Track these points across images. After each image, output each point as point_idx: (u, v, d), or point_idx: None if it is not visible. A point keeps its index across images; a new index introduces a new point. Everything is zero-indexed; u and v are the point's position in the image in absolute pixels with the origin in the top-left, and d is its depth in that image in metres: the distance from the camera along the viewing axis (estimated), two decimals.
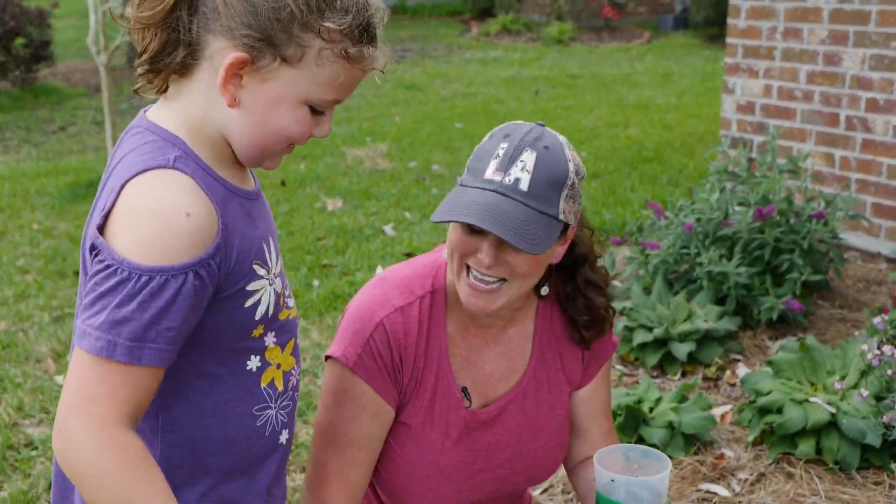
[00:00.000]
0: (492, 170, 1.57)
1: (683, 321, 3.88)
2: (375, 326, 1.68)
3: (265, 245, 1.37)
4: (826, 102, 5.16)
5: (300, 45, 1.28)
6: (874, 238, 4.97)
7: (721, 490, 2.95)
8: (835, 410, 3.04)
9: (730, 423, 3.35)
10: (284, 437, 1.49)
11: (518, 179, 1.55)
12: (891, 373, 2.95)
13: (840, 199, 4.27)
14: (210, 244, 1.26)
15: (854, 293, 4.44)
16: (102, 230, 1.25)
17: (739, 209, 4.19)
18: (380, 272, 1.83)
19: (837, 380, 3.15)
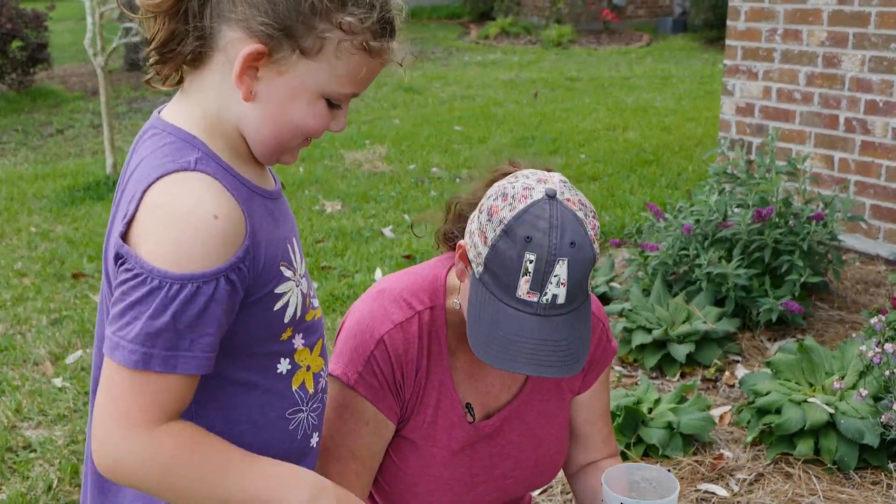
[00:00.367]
0: (524, 289, 1.48)
1: (682, 322, 3.89)
2: (376, 344, 1.66)
3: (289, 246, 1.34)
4: (825, 104, 5.16)
5: (319, 37, 1.24)
6: (873, 240, 4.98)
7: (720, 490, 2.95)
8: (833, 411, 3.04)
9: (728, 424, 3.36)
10: (315, 441, 1.46)
11: (555, 296, 1.48)
12: (888, 373, 2.95)
13: (839, 201, 4.27)
14: (239, 246, 1.22)
15: (853, 295, 4.44)
16: (126, 238, 1.21)
17: (738, 211, 4.20)
18: (378, 283, 1.79)
19: (836, 380, 3.15)
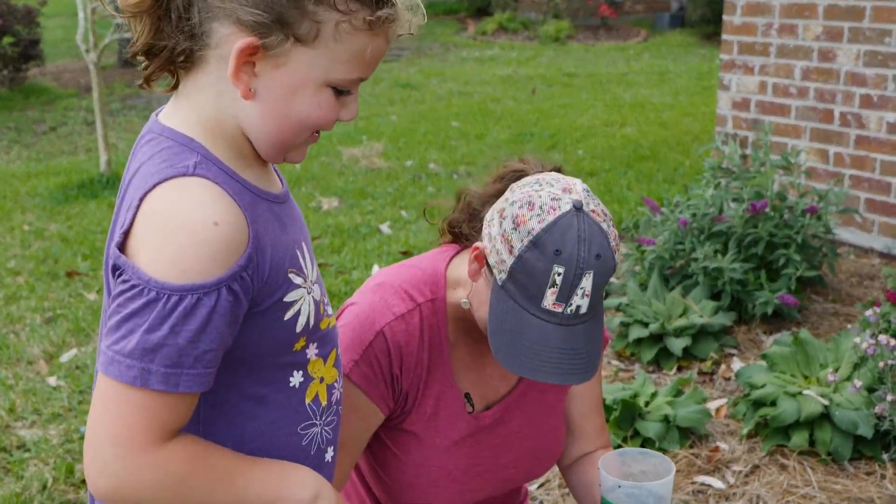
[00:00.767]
0: (550, 300, 1.50)
1: (679, 316, 3.90)
2: (376, 335, 1.65)
3: (299, 251, 1.27)
4: (820, 99, 5.17)
5: (314, 22, 1.16)
6: (867, 233, 4.99)
7: (716, 482, 2.96)
8: (827, 403, 3.06)
9: (724, 417, 3.37)
10: (330, 455, 1.40)
11: (579, 307, 1.50)
12: (883, 364, 2.97)
13: (833, 194, 4.28)
14: (242, 254, 1.15)
15: (847, 288, 4.45)
16: (124, 248, 1.15)
17: (733, 205, 4.21)
18: (375, 275, 1.79)
19: (830, 372, 3.16)
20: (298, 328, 1.26)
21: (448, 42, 15.61)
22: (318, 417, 1.35)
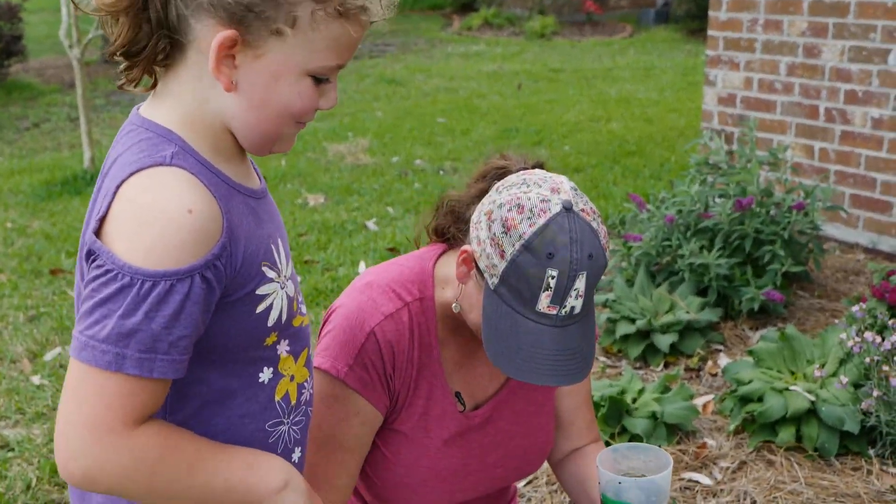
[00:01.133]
0: (545, 303, 1.50)
1: (666, 312, 3.90)
2: (367, 336, 1.64)
3: (273, 246, 1.29)
4: (806, 94, 5.19)
5: (290, 12, 1.18)
6: (852, 229, 5.01)
7: (703, 478, 2.97)
8: (814, 398, 3.06)
9: (712, 413, 3.37)
10: (297, 456, 1.40)
11: (573, 308, 1.51)
12: (869, 360, 2.97)
13: (820, 190, 4.30)
14: (215, 243, 1.17)
15: (833, 283, 4.47)
16: (99, 234, 1.16)
17: (719, 201, 4.22)
18: (362, 275, 1.78)
19: (817, 368, 3.17)
20: (270, 322, 1.27)
21: (433, 38, 15.59)
22: (287, 416, 1.36)
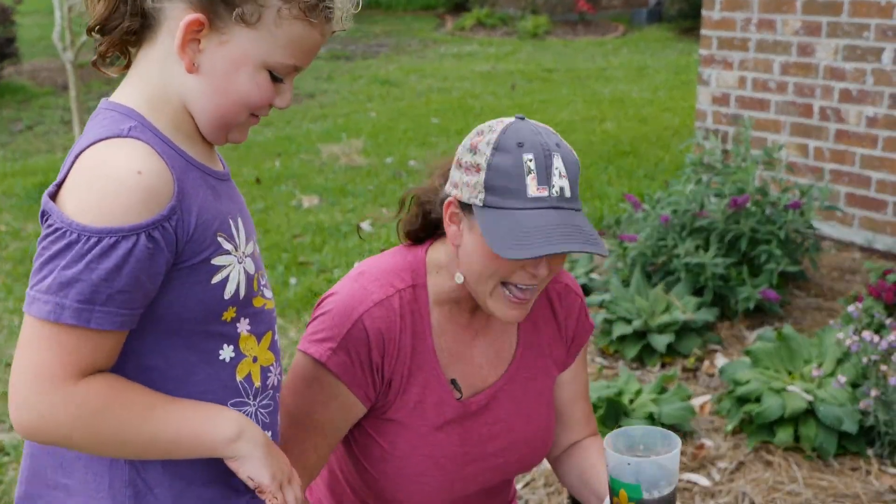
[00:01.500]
0: (534, 186, 1.53)
1: (662, 313, 3.90)
2: (354, 323, 1.64)
3: (231, 220, 1.32)
4: (800, 93, 5.19)
5: (258, 5, 1.25)
6: (848, 227, 5.01)
7: (701, 480, 2.96)
8: (812, 398, 3.06)
9: (709, 413, 3.37)
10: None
11: (562, 188, 1.54)
12: (866, 360, 2.97)
13: (816, 190, 4.30)
14: (164, 206, 1.21)
15: (829, 282, 4.47)
16: (55, 199, 1.22)
17: (715, 200, 4.21)
18: (357, 266, 1.79)
19: (815, 368, 3.17)
20: (227, 295, 1.30)
21: (426, 38, 15.57)
22: (251, 398, 1.38)
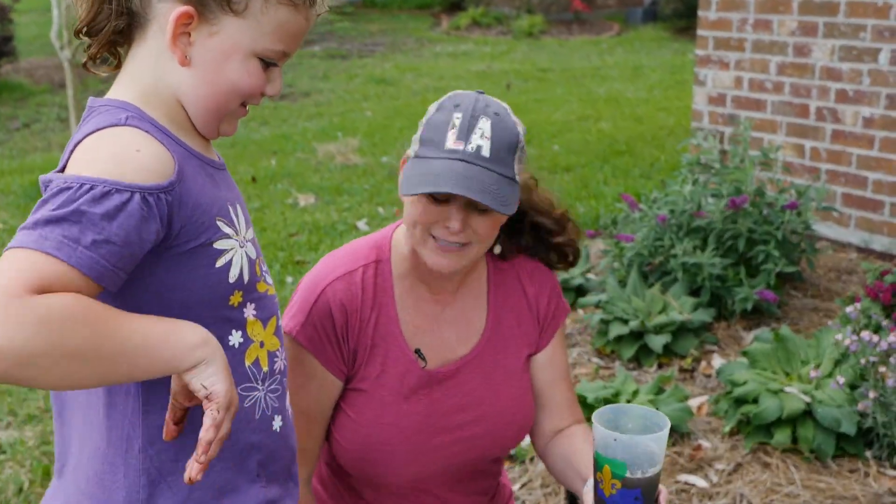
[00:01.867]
0: (452, 140, 1.63)
1: (659, 313, 3.89)
2: (318, 296, 1.73)
3: (230, 207, 1.34)
4: (796, 94, 5.19)
5: None
6: (844, 228, 5.01)
7: (699, 481, 2.96)
8: (810, 400, 3.06)
9: (706, 414, 3.36)
10: (278, 424, 1.43)
11: (480, 146, 1.62)
12: (864, 361, 2.97)
13: (814, 190, 4.29)
14: (164, 180, 1.21)
15: (826, 283, 4.47)
16: None
17: (712, 200, 4.21)
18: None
19: (813, 368, 3.16)
20: (232, 278, 1.31)
21: (422, 37, 15.56)
22: (260, 382, 1.39)
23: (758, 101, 5.39)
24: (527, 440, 2.97)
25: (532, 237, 1.88)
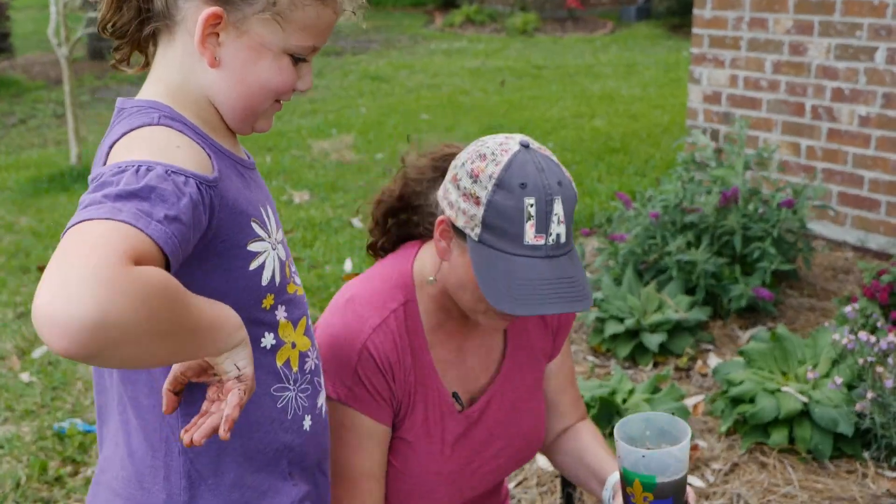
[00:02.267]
0: (531, 235, 1.52)
1: (654, 312, 3.89)
2: (359, 355, 1.63)
3: (262, 209, 1.32)
4: (792, 92, 5.18)
5: None
6: (840, 227, 5.01)
7: (695, 481, 2.95)
8: (807, 400, 3.05)
9: (702, 414, 3.36)
10: (308, 424, 1.43)
11: (559, 235, 1.53)
12: (862, 361, 2.96)
13: (810, 189, 4.29)
14: (209, 174, 1.19)
15: (822, 282, 4.47)
16: None
17: (705, 198, 4.20)
18: (343, 291, 1.76)
19: (810, 369, 3.16)
20: (264, 281, 1.30)
21: (416, 34, 15.53)
22: (291, 383, 1.39)
23: (753, 100, 5.39)
24: None
25: None
